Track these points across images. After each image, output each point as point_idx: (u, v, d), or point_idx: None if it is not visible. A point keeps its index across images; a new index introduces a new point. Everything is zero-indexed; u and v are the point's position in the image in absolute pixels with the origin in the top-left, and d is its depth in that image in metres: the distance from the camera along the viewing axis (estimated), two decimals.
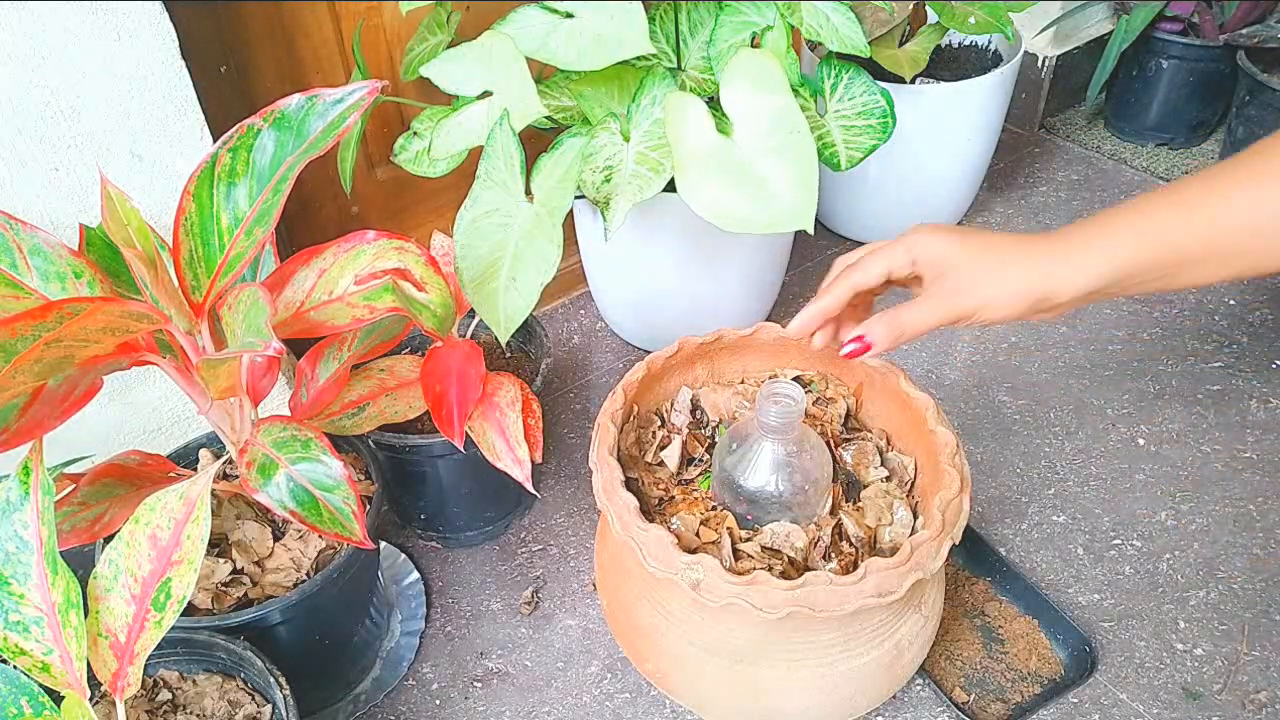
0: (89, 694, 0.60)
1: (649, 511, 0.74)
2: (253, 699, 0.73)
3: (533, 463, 0.79)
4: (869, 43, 0.97)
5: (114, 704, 0.63)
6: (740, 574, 0.62)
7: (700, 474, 0.77)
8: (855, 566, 0.65)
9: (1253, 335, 1.22)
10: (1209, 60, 1.48)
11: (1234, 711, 0.85)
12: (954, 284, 0.62)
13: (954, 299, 0.62)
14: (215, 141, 0.63)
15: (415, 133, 1.02)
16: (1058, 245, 0.61)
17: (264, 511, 0.81)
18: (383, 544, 0.99)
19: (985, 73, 1.23)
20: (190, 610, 0.74)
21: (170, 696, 0.73)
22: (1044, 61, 1.59)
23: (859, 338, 0.64)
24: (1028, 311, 0.61)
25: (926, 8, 1.24)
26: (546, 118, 0.96)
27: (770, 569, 0.67)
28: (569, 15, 0.88)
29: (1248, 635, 0.90)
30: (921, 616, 0.73)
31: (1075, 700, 0.86)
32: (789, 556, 0.69)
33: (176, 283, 0.63)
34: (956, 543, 0.66)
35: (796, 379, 0.81)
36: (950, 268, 0.63)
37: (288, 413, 0.83)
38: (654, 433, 0.79)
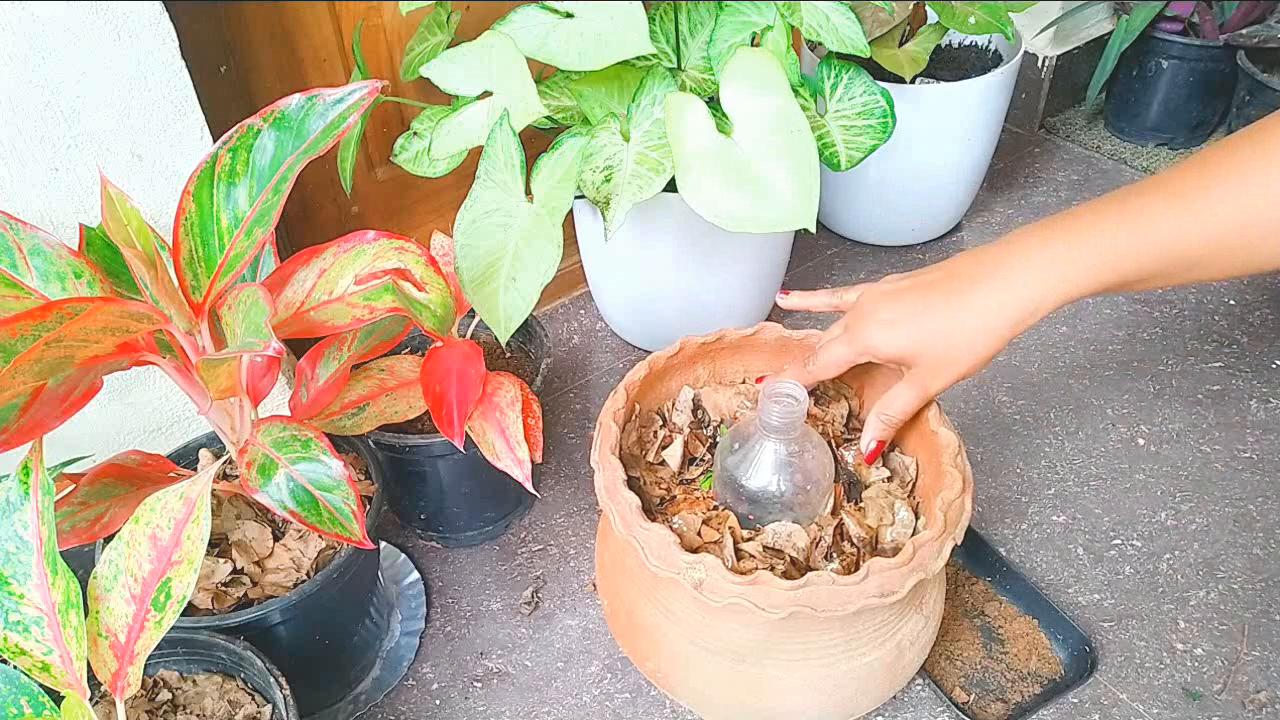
0: (89, 694, 0.59)
1: (650, 511, 0.74)
2: (253, 699, 0.73)
3: (533, 463, 0.79)
4: (869, 43, 0.97)
5: (114, 704, 0.63)
6: (742, 574, 0.62)
7: (702, 474, 0.77)
8: (857, 567, 0.65)
9: (1253, 335, 1.22)
10: (1209, 60, 1.48)
11: (1234, 711, 0.85)
12: (926, 370, 0.65)
13: (933, 383, 0.66)
14: (215, 141, 0.63)
15: (415, 133, 1.02)
16: (1000, 287, 0.61)
17: (264, 511, 0.81)
18: (383, 544, 0.99)
19: (985, 73, 1.23)
20: (190, 610, 0.74)
21: (170, 696, 0.73)
22: (1044, 61, 1.59)
23: (872, 443, 0.71)
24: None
25: (926, 8, 1.24)
26: (546, 118, 0.96)
27: (772, 569, 0.67)
28: (569, 15, 0.88)
29: (1248, 635, 0.90)
30: (923, 617, 0.72)
31: (1075, 700, 0.86)
32: (791, 556, 0.69)
33: (176, 283, 0.63)
34: (959, 543, 0.66)
35: None
36: (915, 357, 0.65)
37: (288, 413, 0.83)
38: (655, 432, 0.79)
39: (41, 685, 0.60)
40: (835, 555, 0.70)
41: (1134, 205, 0.59)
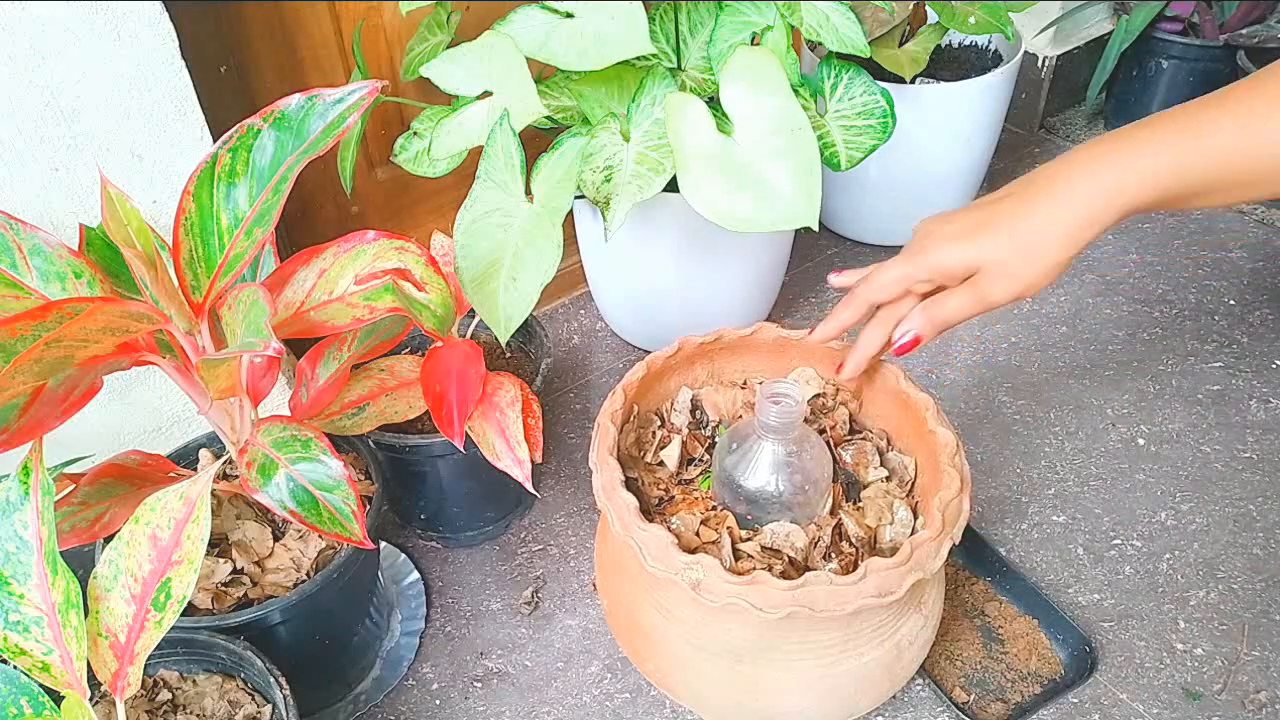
0: (89, 694, 0.60)
1: (649, 511, 0.74)
2: (253, 699, 0.73)
3: (533, 463, 0.79)
4: (869, 43, 0.97)
5: (114, 704, 0.63)
6: (740, 574, 0.62)
7: (700, 474, 0.77)
8: (855, 566, 0.65)
9: (1253, 335, 1.22)
10: (1209, 60, 1.48)
11: (1234, 711, 0.85)
12: (990, 281, 0.63)
13: (994, 295, 0.63)
14: (215, 141, 0.63)
15: (415, 133, 1.02)
16: (1063, 198, 0.60)
17: (264, 511, 0.81)
18: (383, 544, 0.99)
19: (985, 73, 1.23)
20: (190, 610, 0.74)
21: (170, 696, 0.73)
22: (1044, 61, 1.59)
23: (908, 335, 0.66)
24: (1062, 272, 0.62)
25: (926, 8, 1.24)
26: (546, 118, 0.96)
27: (770, 569, 0.67)
28: (569, 15, 0.88)
29: (1248, 635, 0.90)
30: (922, 616, 0.73)
31: (1075, 700, 0.86)
32: (789, 556, 0.69)
33: (176, 283, 0.63)
34: (956, 543, 0.66)
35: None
36: (981, 264, 0.63)
37: (288, 413, 0.83)
38: (654, 433, 0.79)
39: (41, 685, 0.60)
40: (833, 555, 0.70)
41: (1195, 118, 0.59)
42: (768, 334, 0.80)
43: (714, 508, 0.73)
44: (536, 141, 0.93)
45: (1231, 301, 1.27)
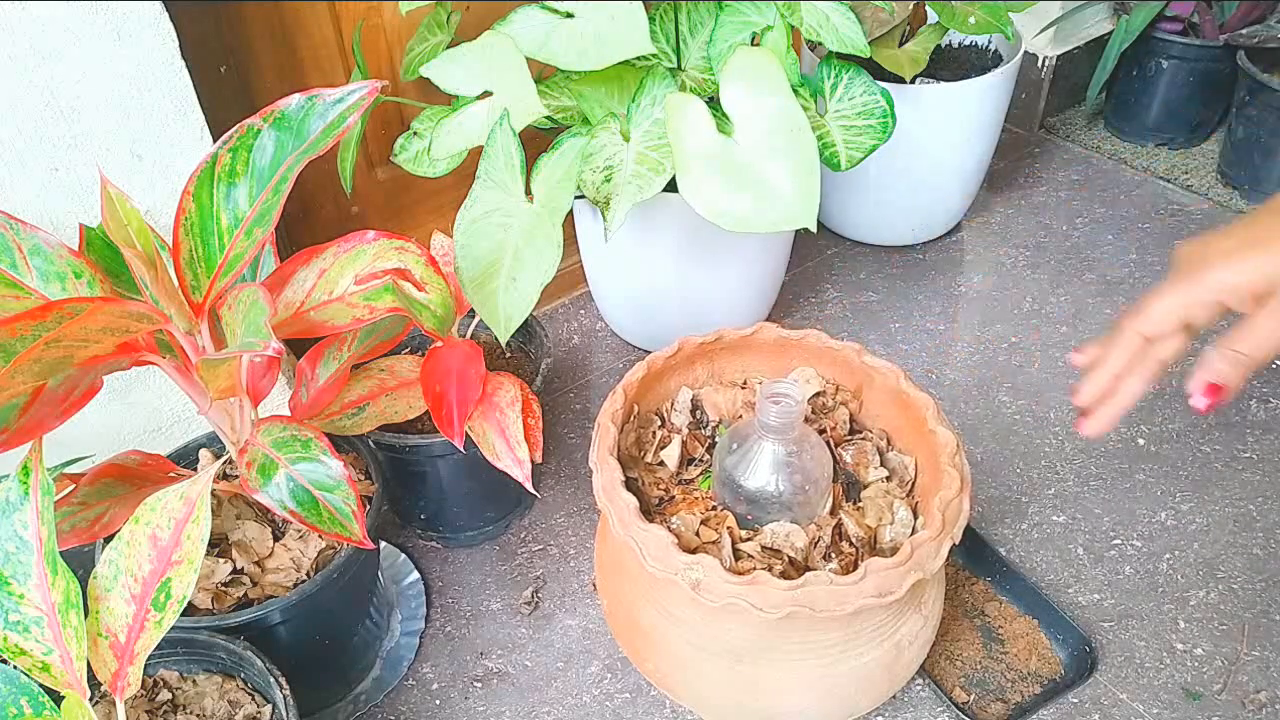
0: (89, 694, 0.60)
1: (649, 511, 0.74)
2: (253, 699, 0.73)
3: (533, 463, 0.79)
4: (869, 43, 0.97)
5: (114, 704, 0.63)
6: (740, 574, 0.62)
7: (700, 474, 0.77)
8: (855, 566, 0.65)
9: None
10: (1209, 60, 1.48)
11: (1234, 711, 0.85)
12: None
13: None
14: (215, 141, 0.63)
15: (415, 133, 1.02)
16: None
17: (264, 511, 0.81)
18: (383, 544, 0.99)
19: (985, 73, 1.23)
20: (190, 610, 0.74)
21: (170, 696, 0.73)
22: (1044, 61, 1.59)
23: (1209, 387, 0.55)
24: None
25: (926, 8, 1.24)
26: (546, 118, 0.96)
27: (770, 569, 0.67)
28: (569, 15, 0.88)
29: (1248, 635, 0.90)
30: (921, 616, 0.73)
31: (1075, 700, 0.86)
32: (789, 556, 0.69)
33: (176, 283, 0.63)
34: (956, 543, 0.66)
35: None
36: None
37: (288, 413, 0.83)
38: (654, 433, 0.79)
39: (41, 685, 0.60)
40: (834, 555, 0.70)
41: None
42: (768, 334, 0.80)
43: (714, 508, 0.73)
44: (536, 141, 0.93)
45: None
